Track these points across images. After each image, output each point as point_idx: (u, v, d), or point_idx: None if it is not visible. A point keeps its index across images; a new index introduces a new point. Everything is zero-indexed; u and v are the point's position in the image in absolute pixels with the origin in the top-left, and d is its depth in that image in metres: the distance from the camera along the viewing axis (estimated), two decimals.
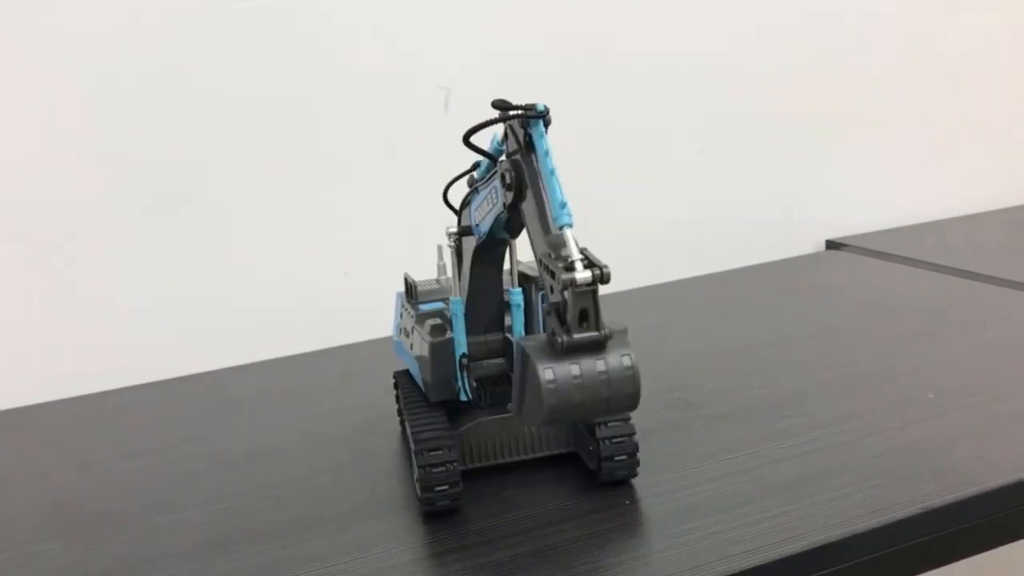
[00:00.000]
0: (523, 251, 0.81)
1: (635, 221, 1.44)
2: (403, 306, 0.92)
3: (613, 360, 0.59)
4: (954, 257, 1.41)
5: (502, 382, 0.81)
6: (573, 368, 0.59)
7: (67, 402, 1.13)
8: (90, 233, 1.15)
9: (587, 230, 1.31)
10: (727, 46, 1.47)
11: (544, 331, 0.64)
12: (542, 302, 0.80)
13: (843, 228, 1.60)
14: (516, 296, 0.82)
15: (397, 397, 0.95)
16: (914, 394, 0.95)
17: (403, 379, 0.91)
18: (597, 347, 0.60)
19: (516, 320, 0.82)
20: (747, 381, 1.02)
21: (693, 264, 1.46)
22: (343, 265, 1.27)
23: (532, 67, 1.34)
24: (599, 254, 0.60)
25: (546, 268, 0.62)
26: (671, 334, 1.21)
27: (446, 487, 0.76)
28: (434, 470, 0.76)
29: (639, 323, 1.21)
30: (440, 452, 0.76)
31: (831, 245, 1.57)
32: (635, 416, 0.89)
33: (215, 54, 1.17)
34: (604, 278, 0.59)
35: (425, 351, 0.81)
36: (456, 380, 0.81)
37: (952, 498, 0.74)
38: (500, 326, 0.82)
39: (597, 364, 0.59)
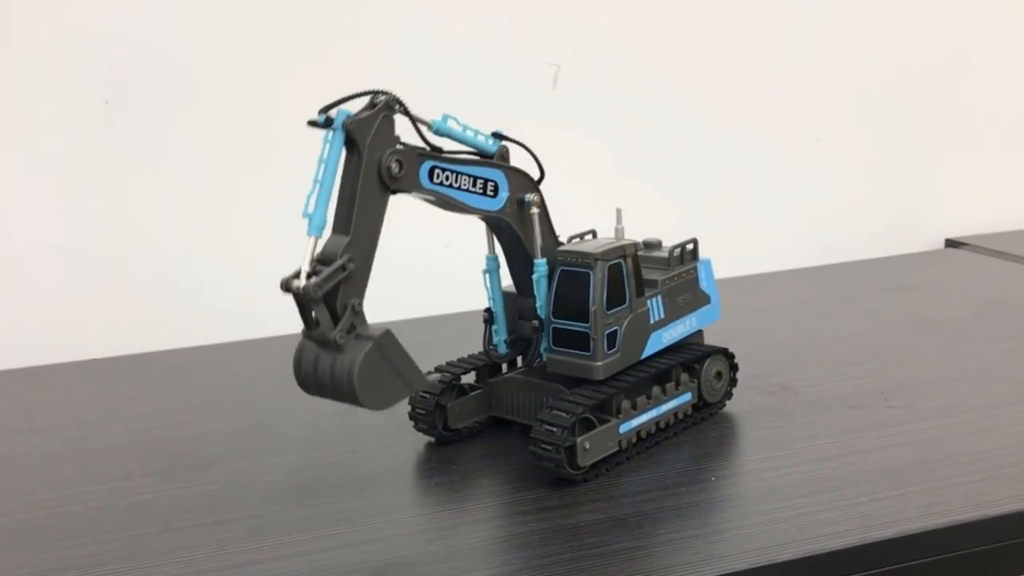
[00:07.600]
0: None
1: (749, 209, 1.41)
2: None
3: (341, 358, 0.65)
4: None
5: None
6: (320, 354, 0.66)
7: (175, 353, 1.16)
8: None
9: (704, 216, 1.29)
10: (851, 36, 1.42)
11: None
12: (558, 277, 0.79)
13: (964, 227, 1.52)
14: (540, 267, 0.78)
15: None
16: None
17: None
18: (328, 346, 0.65)
19: (540, 291, 0.78)
20: (850, 371, 0.98)
21: (806, 255, 1.42)
22: (444, 238, 1.27)
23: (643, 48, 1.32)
24: (715, 240, 0.57)
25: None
26: (776, 322, 1.17)
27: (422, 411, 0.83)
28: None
29: (747, 309, 1.19)
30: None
31: (950, 244, 1.50)
32: (731, 400, 0.87)
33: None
34: (301, 294, 0.63)
35: None
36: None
37: None
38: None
39: (326, 358, 0.66)
